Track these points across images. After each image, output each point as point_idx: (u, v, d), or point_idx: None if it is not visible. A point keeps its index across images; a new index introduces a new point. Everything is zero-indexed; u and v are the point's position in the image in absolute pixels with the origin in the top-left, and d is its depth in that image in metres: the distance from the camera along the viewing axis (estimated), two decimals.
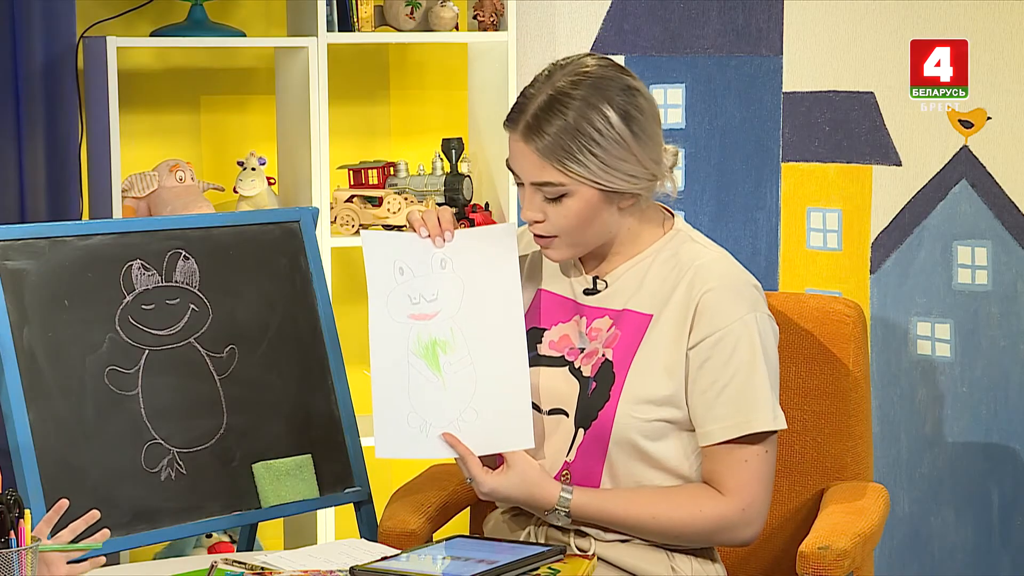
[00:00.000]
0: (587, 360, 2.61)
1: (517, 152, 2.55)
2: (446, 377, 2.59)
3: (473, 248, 2.60)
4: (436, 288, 2.59)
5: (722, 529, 2.56)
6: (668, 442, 2.57)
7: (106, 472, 2.81)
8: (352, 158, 4.20)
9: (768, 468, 2.56)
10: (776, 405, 2.55)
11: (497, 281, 2.59)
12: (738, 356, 2.53)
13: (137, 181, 3.88)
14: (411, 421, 2.59)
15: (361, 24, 3.95)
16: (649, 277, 2.60)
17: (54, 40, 3.79)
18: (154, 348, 2.90)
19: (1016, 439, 3.77)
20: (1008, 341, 3.76)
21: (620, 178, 2.52)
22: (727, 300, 2.55)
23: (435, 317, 2.59)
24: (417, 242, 2.60)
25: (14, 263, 2.79)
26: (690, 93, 4.07)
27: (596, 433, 2.57)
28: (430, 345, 2.59)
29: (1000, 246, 3.75)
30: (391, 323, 2.60)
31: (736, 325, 2.53)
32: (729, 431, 2.53)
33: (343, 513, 3.90)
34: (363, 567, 2.42)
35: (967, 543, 3.83)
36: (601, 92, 2.51)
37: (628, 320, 2.60)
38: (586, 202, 2.53)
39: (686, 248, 2.61)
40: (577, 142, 2.49)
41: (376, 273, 2.60)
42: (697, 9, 4.04)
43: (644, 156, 2.53)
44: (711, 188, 4.07)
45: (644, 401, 2.55)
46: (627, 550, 2.60)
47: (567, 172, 2.50)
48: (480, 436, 2.58)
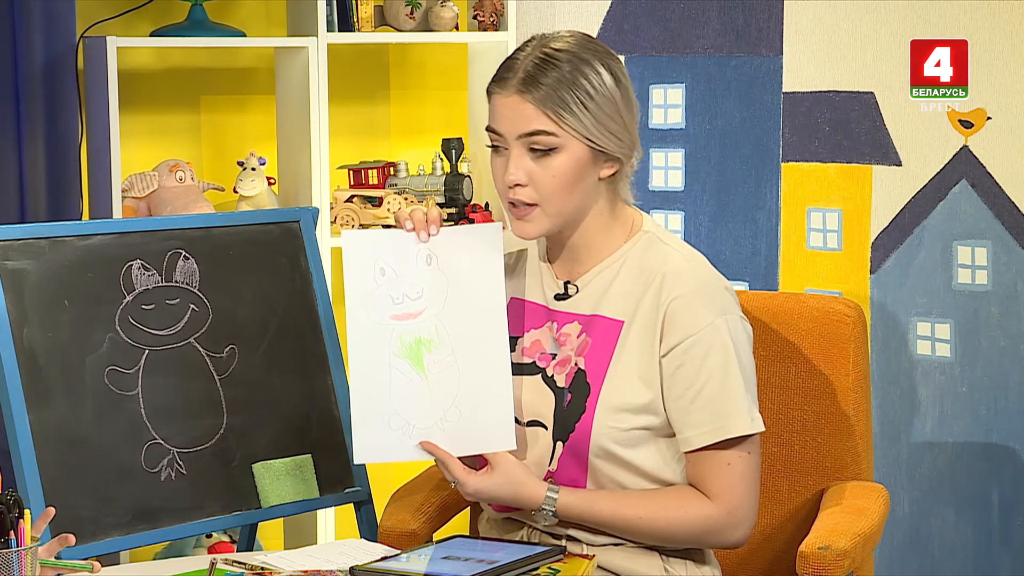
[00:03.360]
0: (560, 368, 2.59)
1: (506, 107, 2.52)
2: (430, 376, 2.57)
3: (459, 245, 2.58)
4: (421, 285, 2.57)
5: (710, 531, 2.55)
6: (647, 449, 2.56)
7: (106, 472, 2.81)
8: (352, 158, 4.20)
9: (751, 470, 2.55)
10: (752, 408, 2.53)
11: (482, 279, 2.57)
12: (710, 362, 2.51)
13: (137, 181, 3.88)
14: (393, 424, 2.57)
15: (361, 24, 3.95)
16: (618, 281, 2.58)
17: (54, 40, 3.79)
18: (154, 348, 2.91)
19: (1016, 439, 3.77)
20: (1008, 341, 3.76)
21: (609, 137, 2.51)
22: (696, 306, 2.52)
23: (420, 316, 2.57)
24: (402, 238, 2.57)
25: (14, 263, 2.79)
26: (690, 93, 4.07)
27: (575, 445, 2.56)
28: (414, 344, 2.57)
29: (1000, 246, 3.75)
30: (371, 326, 2.56)
31: (706, 331, 2.51)
32: (706, 437, 2.51)
33: (343, 513, 3.90)
34: (363, 567, 2.42)
35: (967, 543, 3.83)
36: (592, 52, 2.53)
37: (599, 326, 2.58)
38: (575, 160, 2.50)
39: (655, 250, 2.59)
40: (573, 94, 2.48)
41: (355, 276, 2.57)
42: (697, 9, 4.04)
43: (630, 121, 2.54)
44: (711, 188, 4.07)
45: (621, 410, 2.54)
46: (620, 553, 2.59)
47: (562, 123, 2.48)
48: (462, 436, 2.56)
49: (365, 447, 2.58)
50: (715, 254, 4.05)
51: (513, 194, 2.53)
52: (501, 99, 2.52)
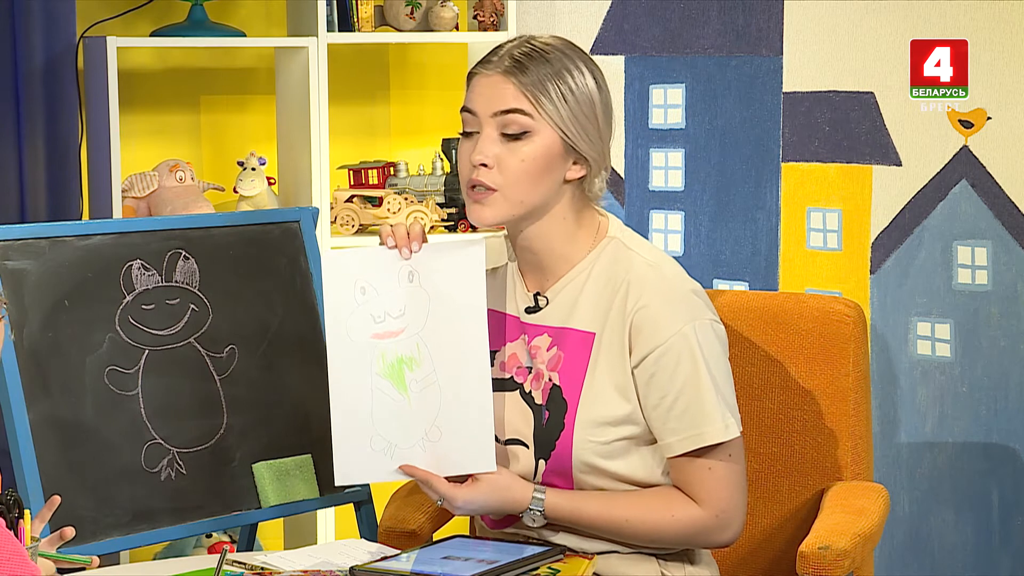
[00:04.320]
0: (536, 383, 2.58)
1: (486, 86, 2.53)
2: (412, 395, 2.53)
3: (441, 261, 2.54)
4: (403, 303, 2.53)
5: (698, 534, 2.54)
6: (631, 458, 2.55)
7: (106, 472, 2.81)
8: (352, 158, 4.20)
9: (734, 472, 2.53)
10: (726, 414, 2.50)
11: (463, 295, 2.53)
12: (682, 370, 2.49)
13: (137, 181, 3.88)
14: (375, 444, 2.53)
15: (361, 24, 3.95)
16: (586, 292, 2.56)
17: (54, 40, 3.79)
18: (154, 348, 2.90)
19: (1016, 439, 3.77)
20: (1008, 341, 3.76)
21: (582, 136, 2.52)
22: (662, 315, 2.51)
23: (401, 334, 2.53)
24: (383, 255, 2.54)
25: (14, 263, 2.79)
26: (690, 93, 4.07)
27: (557, 462, 2.55)
28: (396, 364, 2.53)
29: (1000, 246, 3.75)
30: (351, 346, 2.53)
31: (674, 339, 2.49)
32: (684, 444, 2.50)
33: (343, 513, 3.90)
34: (363, 567, 2.42)
35: (967, 543, 3.83)
36: (577, 55, 2.56)
37: (571, 340, 2.56)
38: (546, 149, 2.51)
39: (620, 257, 2.57)
40: (555, 84, 2.51)
41: (335, 296, 2.53)
42: (697, 9, 4.04)
43: (604, 129, 2.55)
44: (711, 188, 4.07)
45: (600, 424, 2.53)
46: (617, 559, 2.58)
47: (539, 107, 2.50)
48: (443, 456, 2.52)
49: (346, 469, 2.54)
50: (715, 254, 4.05)
51: (476, 174, 2.53)
52: (482, 79, 2.54)
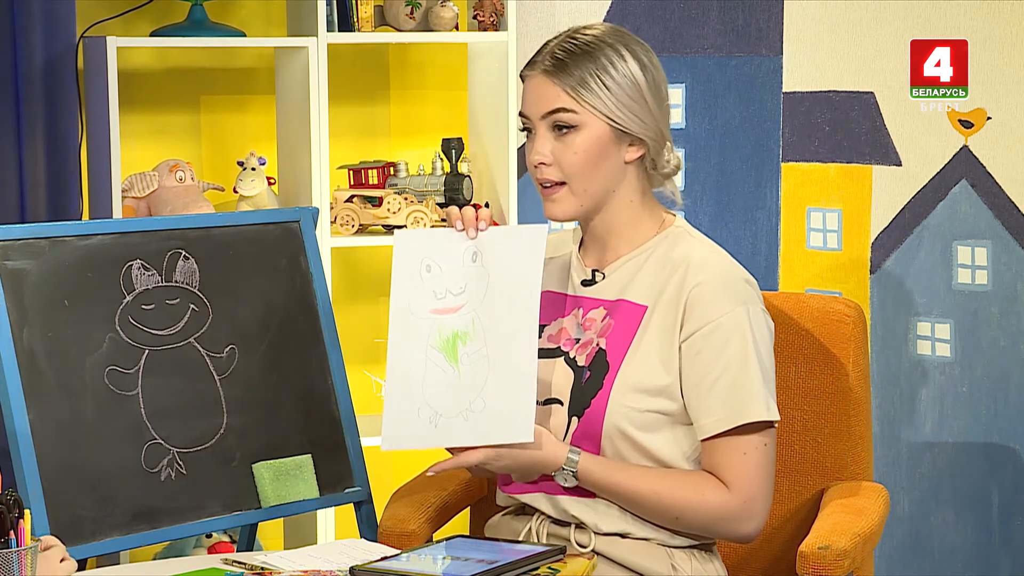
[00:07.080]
0: (582, 350, 2.64)
1: (532, 88, 2.62)
2: (462, 368, 2.60)
3: (503, 243, 2.63)
4: (464, 281, 2.62)
5: (723, 519, 2.56)
6: (662, 435, 2.58)
7: (106, 472, 2.81)
8: (352, 158, 4.20)
9: (767, 461, 2.56)
10: (769, 399, 2.55)
11: (521, 277, 2.61)
12: (730, 349, 2.54)
13: (137, 181, 3.88)
14: (421, 413, 2.60)
15: (361, 24, 3.95)
16: (644, 270, 2.63)
17: (54, 40, 3.79)
18: (154, 348, 2.91)
19: (1016, 439, 3.77)
20: (1008, 341, 3.76)
21: (629, 117, 2.59)
22: (717, 293, 2.57)
23: (459, 310, 2.62)
24: (450, 236, 2.63)
25: (14, 263, 2.79)
26: (690, 93, 4.07)
27: (589, 421, 2.59)
28: (451, 338, 2.61)
29: (1000, 246, 3.75)
30: (412, 319, 2.62)
31: (727, 318, 2.55)
32: (722, 423, 2.54)
33: (343, 513, 3.90)
34: (363, 567, 2.42)
35: (967, 543, 3.83)
36: (620, 39, 2.62)
37: (623, 310, 2.63)
38: (596, 138, 2.58)
39: (682, 243, 2.64)
40: (593, 74, 2.58)
41: (402, 271, 2.63)
42: (697, 9, 4.04)
43: (655, 107, 2.61)
44: (711, 188, 4.07)
45: (637, 390, 2.57)
46: (627, 546, 2.60)
47: (581, 101, 2.57)
48: (484, 426, 2.58)
49: (395, 436, 2.61)
50: None
51: (539, 173, 2.63)
52: (529, 81, 2.63)
